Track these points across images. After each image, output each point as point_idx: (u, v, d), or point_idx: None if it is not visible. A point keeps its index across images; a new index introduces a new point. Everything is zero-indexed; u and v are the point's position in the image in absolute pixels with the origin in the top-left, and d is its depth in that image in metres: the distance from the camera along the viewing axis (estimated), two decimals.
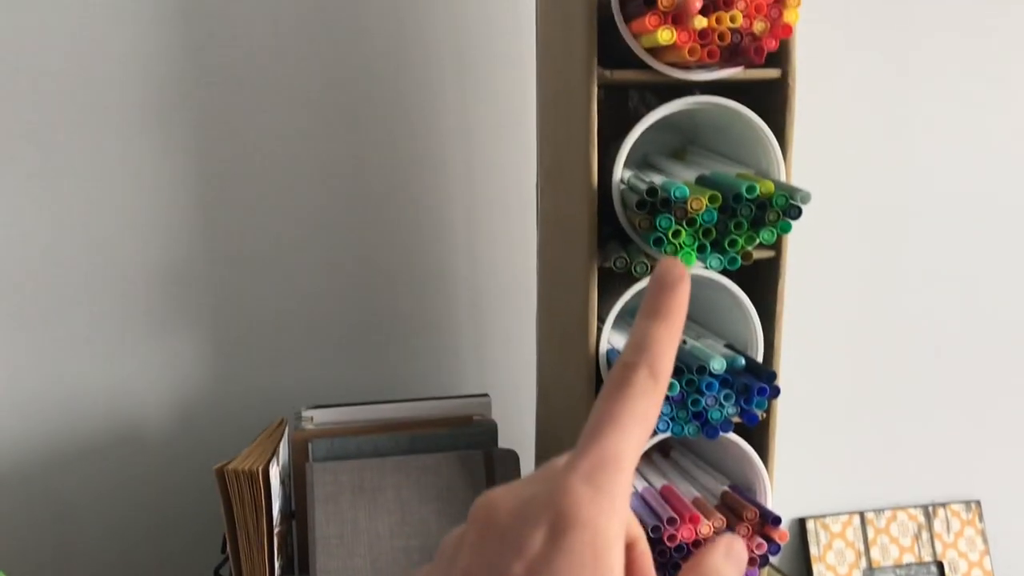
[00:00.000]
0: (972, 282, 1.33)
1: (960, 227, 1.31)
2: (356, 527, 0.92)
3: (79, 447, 1.08)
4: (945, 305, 1.32)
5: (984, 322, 1.34)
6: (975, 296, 1.33)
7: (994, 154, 1.30)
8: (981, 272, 1.33)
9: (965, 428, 1.36)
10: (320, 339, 1.14)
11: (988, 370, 1.35)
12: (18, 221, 1.04)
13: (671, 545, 0.83)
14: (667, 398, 0.82)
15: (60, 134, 1.04)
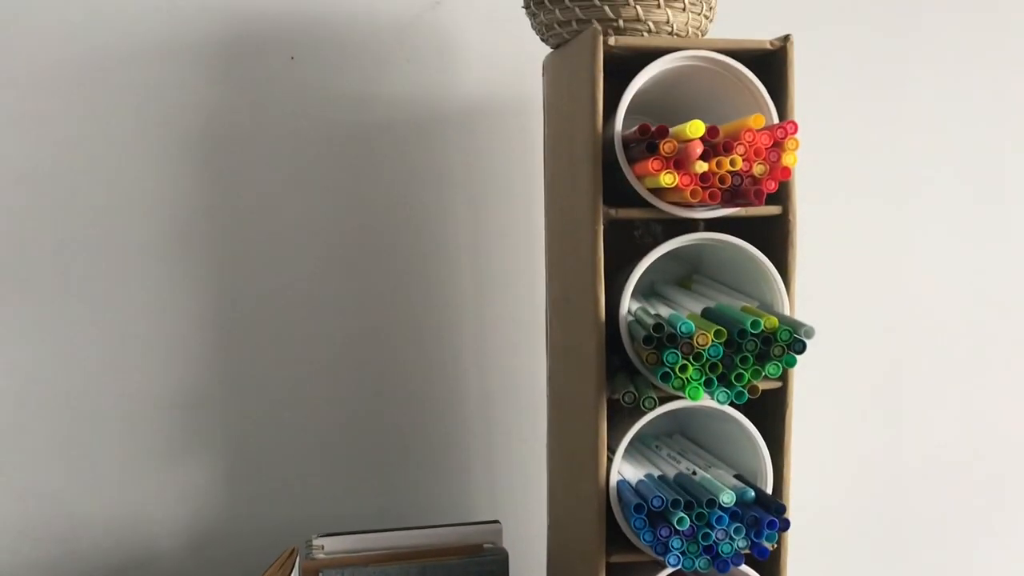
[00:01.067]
0: (995, 398, 1.33)
1: (971, 338, 1.32)
2: None
3: (96, 569, 1.08)
4: (969, 433, 1.32)
5: (1008, 450, 1.34)
6: (998, 417, 1.33)
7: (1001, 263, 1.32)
8: (1005, 381, 1.33)
9: (992, 554, 1.34)
10: (332, 466, 1.14)
11: (1007, 488, 1.34)
12: (32, 347, 1.06)
13: None
14: (678, 532, 0.82)
15: (78, 263, 1.07)
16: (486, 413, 1.18)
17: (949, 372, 1.31)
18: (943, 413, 1.32)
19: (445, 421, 1.17)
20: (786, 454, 0.89)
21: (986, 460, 1.33)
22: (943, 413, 1.32)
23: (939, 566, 1.33)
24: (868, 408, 1.30)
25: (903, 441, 1.31)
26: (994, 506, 1.34)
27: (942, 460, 1.32)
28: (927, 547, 1.32)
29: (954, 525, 1.33)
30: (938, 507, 1.32)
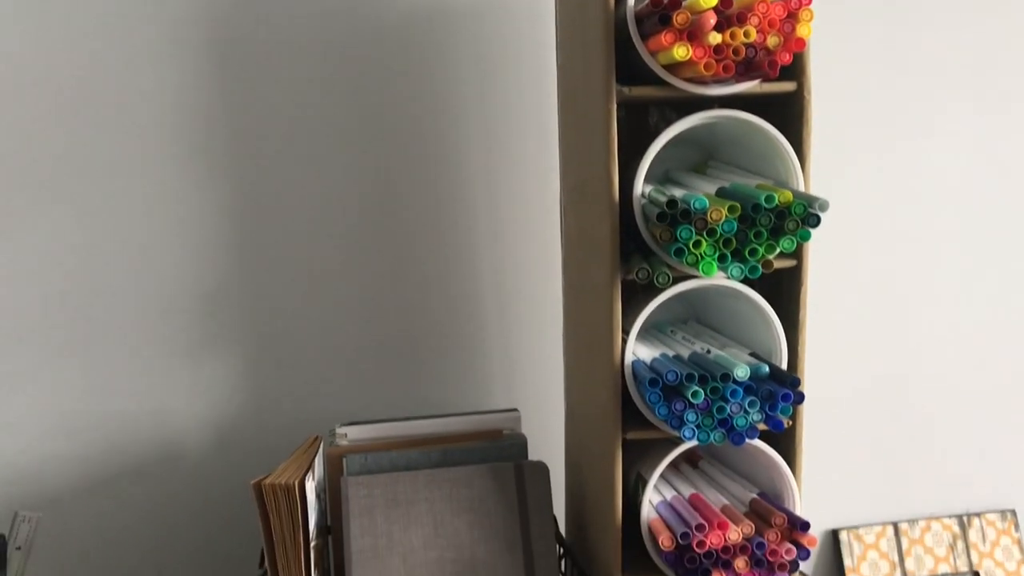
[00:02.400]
0: (1005, 286, 1.33)
1: (988, 229, 1.31)
2: (390, 539, 0.93)
3: (122, 468, 1.11)
4: (978, 310, 1.32)
5: (1019, 328, 1.34)
6: (1009, 301, 1.33)
7: (1010, 156, 1.31)
8: (1015, 276, 1.33)
9: (1000, 437, 1.35)
10: (353, 359, 1.16)
11: (1018, 377, 1.35)
12: (60, 252, 1.08)
13: (700, 551, 0.84)
14: (693, 406, 0.83)
15: (101, 166, 1.08)
16: (502, 305, 1.19)
17: (979, 248, 1.31)
18: (974, 290, 1.32)
19: (462, 314, 1.19)
20: (801, 332, 0.90)
21: (1019, 345, 1.34)
22: (974, 290, 1.32)
23: (961, 446, 1.34)
24: (892, 290, 1.30)
25: (930, 318, 1.32)
26: (1003, 391, 1.35)
27: (969, 339, 1.33)
28: (948, 427, 1.34)
29: (979, 407, 1.34)
30: (963, 388, 1.33)
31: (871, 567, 1.28)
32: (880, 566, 1.28)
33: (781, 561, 0.86)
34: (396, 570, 0.92)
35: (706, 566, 0.85)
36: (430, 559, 0.93)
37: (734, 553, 0.85)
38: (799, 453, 0.91)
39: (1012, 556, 1.31)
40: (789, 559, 0.86)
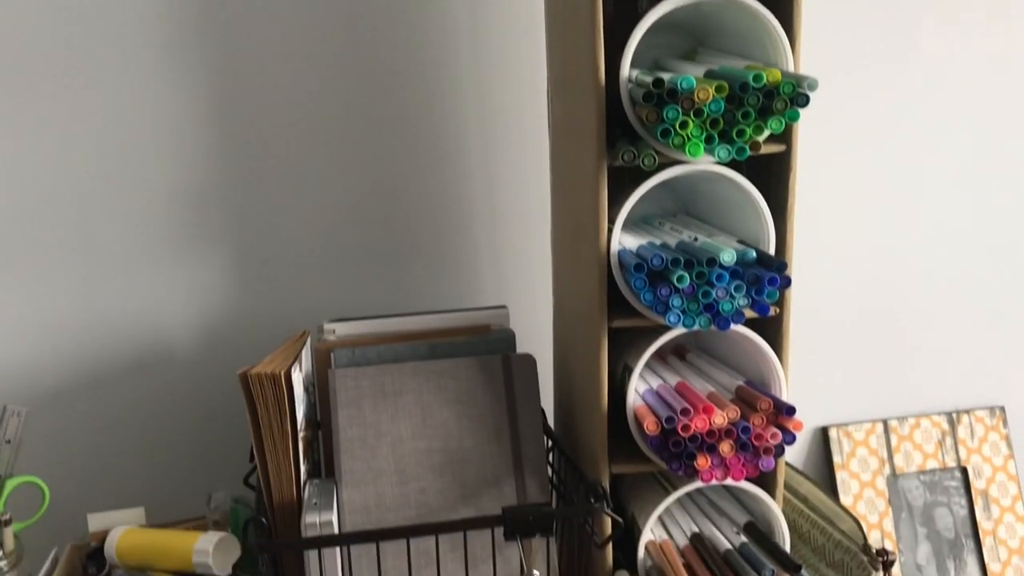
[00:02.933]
0: (997, 182, 1.31)
1: (983, 121, 1.29)
2: (378, 430, 0.94)
3: (112, 367, 1.11)
4: (970, 208, 1.31)
5: (1010, 226, 1.33)
6: (999, 197, 1.32)
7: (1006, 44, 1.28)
8: (1007, 171, 1.31)
9: (989, 334, 1.35)
10: (340, 258, 1.16)
11: (1014, 275, 1.34)
12: (42, 150, 1.06)
13: (685, 435, 0.85)
14: (678, 291, 0.83)
15: (80, 66, 1.05)
16: (491, 202, 1.18)
17: (972, 142, 1.29)
18: (966, 185, 1.30)
19: (451, 212, 1.17)
20: (789, 218, 0.89)
21: (1009, 242, 1.33)
22: (966, 185, 1.30)
23: (951, 343, 1.35)
24: (881, 184, 1.29)
25: (920, 214, 1.31)
26: (1018, 287, 1.35)
27: (960, 236, 1.32)
28: (938, 325, 1.34)
29: (969, 304, 1.34)
30: (953, 285, 1.33)
31: (860, 463, 1.29)
32: (869, 462, 1.29)
33: (766, 445, 0.86)
34: (385, 459, 0.93)
35: (691, 450, 0.85)
36: (418, 448, 0.94)
37: (719, 437, 0.86)
38: (786, 340, 0.91)
39: (999, 452, 1.32)
40: (774, 443, 0.86)
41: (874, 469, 1.29)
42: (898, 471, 1.30)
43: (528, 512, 0.83)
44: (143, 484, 1.13)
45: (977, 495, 1.30)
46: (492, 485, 0.94)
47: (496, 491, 0.94)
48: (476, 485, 0.94)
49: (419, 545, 0.91)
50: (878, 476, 1.29)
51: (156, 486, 1.14)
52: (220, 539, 0.92)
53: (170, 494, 1.14)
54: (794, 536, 1.00)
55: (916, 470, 1.30)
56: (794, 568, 0.87)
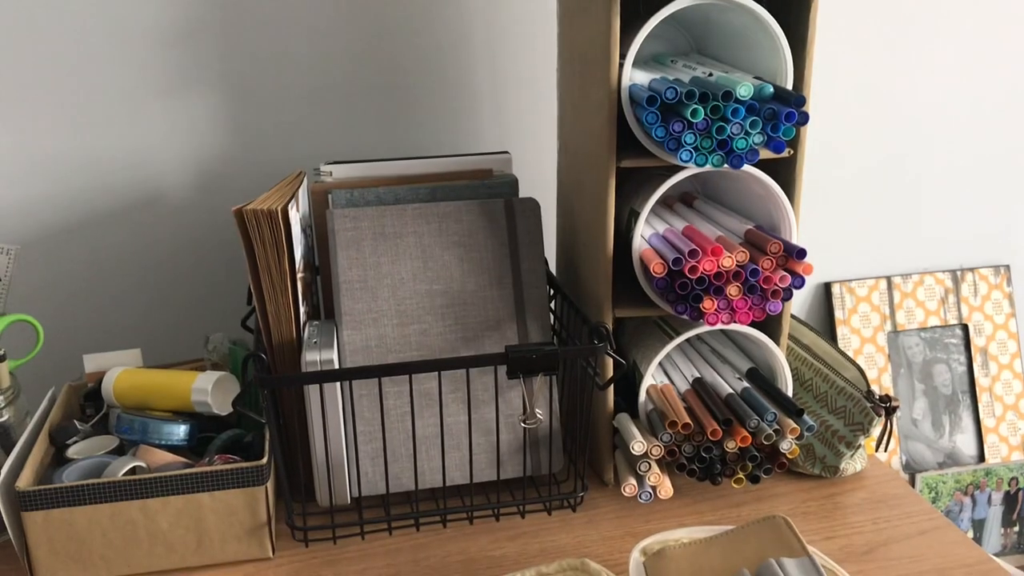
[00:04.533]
0: (1010, 44, 1.26)
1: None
2: (379, 271, 0.92)
3: (105, 207, 1.08)
4: (980, 65, 1.27)
5: (1018, 82, 1.29)
6: (1011, 59, 1.27)
7: None
8: (1018, 30, 1.26)
9: (996, 193, 1.33)
10: (337, 102, 1.11)
11: (1021, 134, 1.31)
12: None
13: (692, 277, 0.83)
14: (691, 126, 0.79)
15: None
16: (492, 48, 1.13)
17: (977, 18, 1.24)
18: (978, 44, 1.26)
19: (451, 58, 1.12)
20: (809, 53, 0.85)
21: (1018, 100, 1.29)
22: (978, 44, 1.26)
23: (957, 201, 1.32)
24: (893, 41, 1.24)
25: (931, 70, 1.26)
26: (1002, 148, 1.32)
27: (968, 92, 1.28)
28: (945, 182, 1.31)
29: (977, 162, 1.31)
30: (960, 143, 1.30)
31: (862, 319, 1.28)
32: (871, 318, 1.28)
33: (775, 288, 0.85)
34: (385, 301, 0.91)
35: (698, 292, 0.84)
36: (419, 291, 0.92)
37: (727, 279, 0.84)
38: (799, 183, 0.88)
39: (1002, 310, 1.31)
40: (783, 286, 0.85)
41: (875, 325, 1.28)
42: (899, 327, 1.29)
43: (531, 351, 0.82)
44: (139, 326, 1.12)
45: (976, 352, 1.30)
46: (494, 329, 0.93)
47: (498, 335, 0.93)
48: (478, 328, 0.93)
49: (420, 386, 0.90)
50: (879, 332, 1.28)
51: (152, 329, 1.12)
52: (219, 378, 0.91)
53: (166, 337, 1.13)
54: (796, 384, 1.00)
55: (917, 327, 1.30)
56: (796, 412, 0.87)
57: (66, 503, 0.79)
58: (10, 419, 0.91)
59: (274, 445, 0.85)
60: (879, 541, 0.85)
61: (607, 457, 0.95)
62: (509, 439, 0.92)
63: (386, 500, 0.91)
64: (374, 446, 0.90)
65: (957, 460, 1.30)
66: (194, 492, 0.81)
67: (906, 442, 1.29)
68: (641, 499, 0.89)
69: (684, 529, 0.78)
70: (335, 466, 0.88)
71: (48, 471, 0.86)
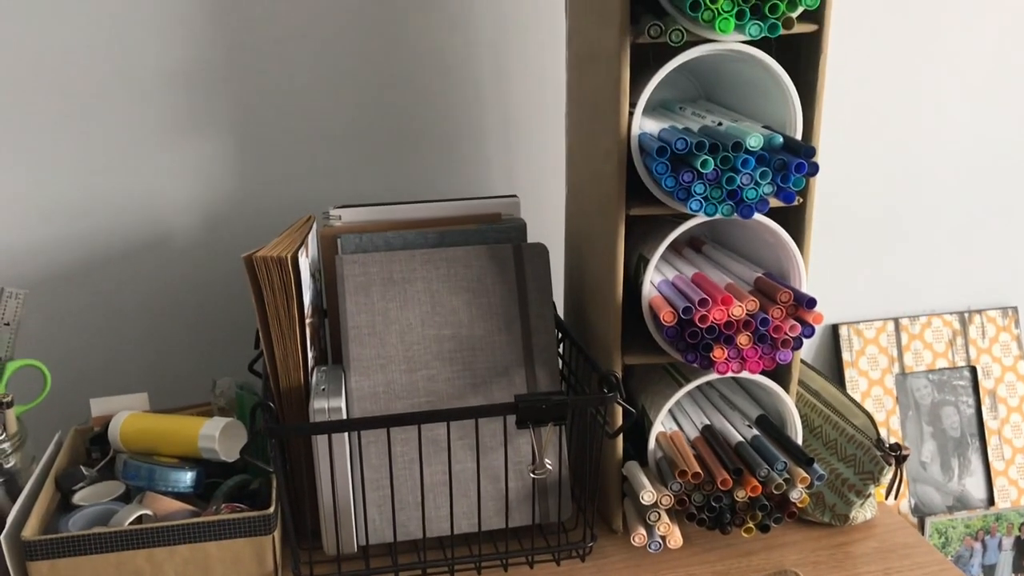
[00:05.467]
0: (1016, 89, 1.27)
1: (1006, 33, 1.24)
2: (387, 317, 0.92)
3: (113, 251, 1.08)
4: (987, 111, 1.27)
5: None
6: (1018, 100, 1.28)
7: None
8: None
9: (1004, 235, 1.33)
10: (348, 145, 1.11)
11: None
12: (42, 30, 1.01)
13: (703, 326, 0.83)
14: (701, 176, 0.79)
15: None
16: (501, 88, 1.13)
17: (992, 51, 1.24)
18: (984, 90, 1.26)
19: (460, 100, 1.13)
20: (818, 103, 0.85)
21: None
22: (984, 90, 1.26)
23: (965, 243, 1.32)
24: (904, 86, 1.24)
25: (940, 117, 1.27)
26: (1011, 189, 1.32)
27: (977, 138, 1.28)
28: (952, 225, 1.31)
29: (984, 205, 1.31)
30: (968, 186, 1.30)
31: (869, 361, 1.28)
32: (879, 360, 1.28)
33: (785, 337, 0.84)
34: (393, 347, 0.91)
35: (708, 341, 0.84)
36: (428, 336, 0.92)
37: (737, 329, 0.84)
38: (808, 231, 0.88)
39: (1010, 352, 1.31)
40: (793, 336, 0.85)
41: (883, 367, 1.28)
42: (907, 370, 1.29)
43: (541, 400, 0.82)
44: (146, 370, 1.12)
45: (985, 395, 1.30)
46: (502, 375, 0.93)
47: (506, 380, 0.93)
48: (486, 374, 0.93)
49: (428, 433, 0.90)
50: (887, 374, 1.28)
51: (159, 373, 1.12)
52: (226, 424, 0.91)
53: (173, 380, 1.12)
54: (806, 430, 1.00)
55: (925, 369, 1.29)
56: (806, 461, 0.87)
57: (72, 553, 0.79)
58: (16, 465, 0.90)
59: (281, 493, 0.84)
60: None
61: (616, 505, 0.94)
62: (517, 487, 0.91)
63: (393, 548, 0.90)
64: (381, 493, 0.89)
65: (967, 503, 1.29)
66: (201, 541, 0.81)
67: (915, 485, 1.29)
68: (651, 549, 0.88)
69: None
70: (342, 514, 0.88)
71: (54, 517, 0.86)
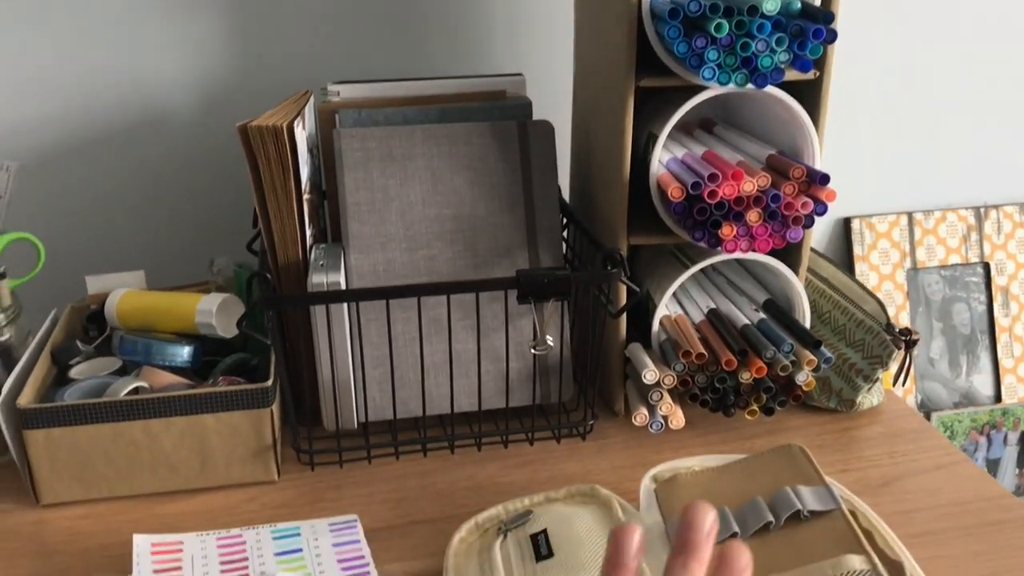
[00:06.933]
0: None
1: None
2: (387, 194, 0.89)
3: (108, 126, 1.05)
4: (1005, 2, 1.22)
5: None
6: None
7: None
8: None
9: (1022, 127, 1.29)
10: (347, 20, 1.07)
11: None
12: None
13: (712, 202, 0.80)
14: (715, 42, 0.76)
15: None
16: None
17: None
18: None
19: None
20: None
21: None
22: None
23: (983, 135, 1.28)
24: None
25: (944, 14, 1.21)
26: None
27: (996, 28, 1.23)
28: (971, 116, 1.27)
29: (1003, 97, 1.27)
30: (987, 77, 1.25)
31: (881, 256, 1.25)
32: (890, 255, 1.25)
33: (796, 215, 0.82)
34: (393, 225, 0.89)
35: (716, 218, 0.81)
36: (428, 215, 0.90)
37: (747, 205, 0.81)
38: (824, 106, 0.85)
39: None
40: (805, 213, 0.82)
41: (895, 262, 1.25)
42: (919, 265, 1.26)
43: (543, 275, 0.80)
44: (142, 248, 1.10)
45: (997, 292, 1.27)
46: (504, 255, 0.91)
47: (508, 262, 0.91)
48: (488, 255, 0.90)
49: (428, 312, 0.88)
50: (898, 269, 1.25)
51: (156, 251, 1.10)
52: (224, 300, 0.89)
53: (170, 259, 1.10)
54: (814, 317, 0.97)
55: (938, 265, 1.26)
56: (814, 343, 0.85)
57: (67, 422, 0.78)
58: (11, 338, 0.89)
59: (280, 367, 0.83)
60: (895, 475, 0.84)
61: (618, 387, 0.93)
62: (519, 367, 0.90)
63: (393, 425, 0.89)
64: (382, 371, 0.88)
65: (973, 400, 1.28)
66: (197, 413, 0.80)
67: (922, 382, 1.27)
68: (652, 429, 0.87)
69: (697, 458, 0.77)
70: (342, 391, 0.87)
71: (50, 391, 0.85)
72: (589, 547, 0.66)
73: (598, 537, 0.68)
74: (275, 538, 0.72)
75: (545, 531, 0.70)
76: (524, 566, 0.67)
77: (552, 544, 0.68)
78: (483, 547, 0.71)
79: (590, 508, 0.73)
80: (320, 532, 0.73)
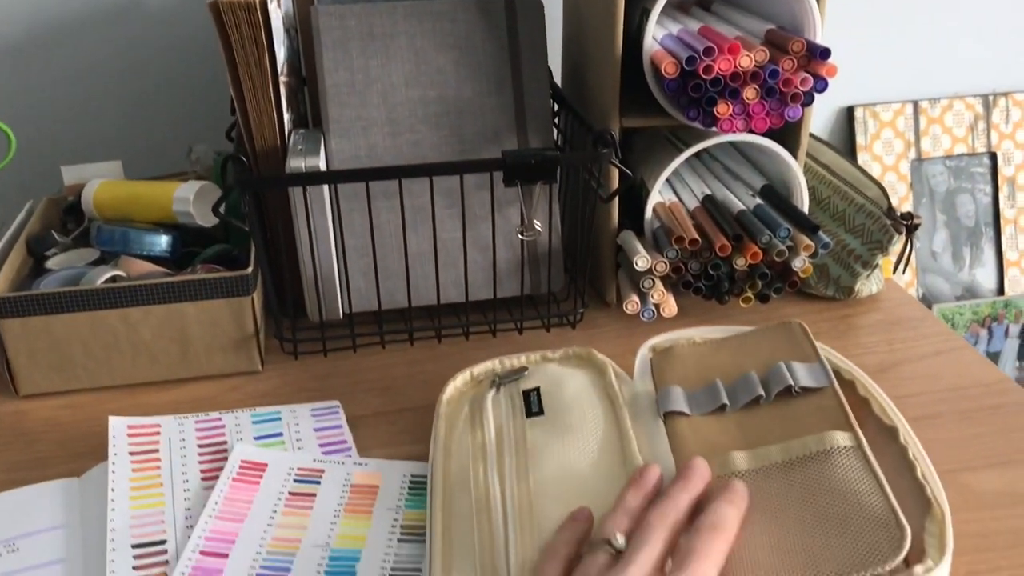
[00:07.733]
0: None
1: None
2: (368, 76, 0.85)
3: (86, 13, 1.01)
4: None
5: None
6: None
7: None
8: None
9: None
10: None
11: None
12: None
13: (707, 78, 0.76)
14: None
15: None
16: None
17: None
18: None
19: None
20: None
21: None
22: None
23: (991, 19, 1.23)
24: None
25: None
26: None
27: None
28: (966, 7, 1.22)
29: None
30: None
31: (884, 146, 1.21)
32: (894, 145, 1.22)
33: (795, 91, 0.78)
34: (375, 108, 0.85)
35: (712, 94, 0.77)
36: (412, 97, 0.86)
37: (744, 81, 0.77)
38: None
39: None
40: (804, 89, 0.78)
41: (899, 152, 1.22)
42: (924, 155, 1.22)
43: (530, 155, 0.77)
44: (119, 138, 1.06)
45: (1004, 182, 1.24)
46: (492, 140, 0.87)
47: (496, 147, 0.87)
48: (475, 139, 0.87)
49: (413, 201, 0.85)
50: (902, 160, 1.22)
51: (132, 140, 1.07)
52: (202, 187, 0.87)
53: (147, 149, 1.07)
54: (813, 203, 0.94)
55: (943, 155, 1.23)
56: (811, 228, 0.82)
57: (43, 311, 0.76)
58: None
59: (259, 255, 0.80)
60: (894, 361, 0.82)
61: (610, 276, 0.91)
62: (507, 257, 0.88)
63: (379, 315, 0.87)
64: (366, 261, 0.85)
65: (975, 294, 1.25)
66: (176, 302, 0.78)
67: (924, 275, 1.25)
68: (643, 317, 0.85)
69: (697, 329, 0.75)
70: (325, 281, 0.84)
71: (26, 281, 0.83)
72: (577, 412, 0.65)
73: (586, 402, 0.67)
74: (255, 422, 0.70)
75: (538, 389, 0.69)
76: (514, 419, 0.66)
77: (543, 403, 0.67)
78: (475, 397, 0.70)
79: (585, 371, 0.71)
80: (301, 416, 0.72)
